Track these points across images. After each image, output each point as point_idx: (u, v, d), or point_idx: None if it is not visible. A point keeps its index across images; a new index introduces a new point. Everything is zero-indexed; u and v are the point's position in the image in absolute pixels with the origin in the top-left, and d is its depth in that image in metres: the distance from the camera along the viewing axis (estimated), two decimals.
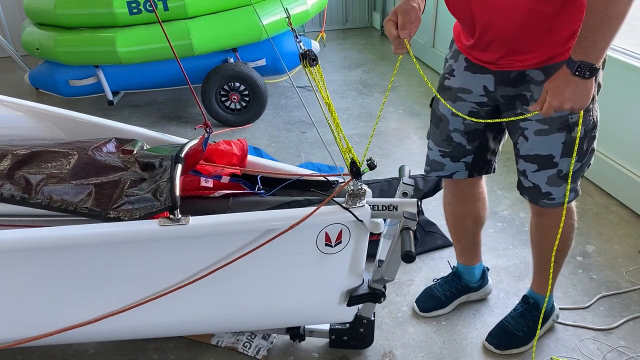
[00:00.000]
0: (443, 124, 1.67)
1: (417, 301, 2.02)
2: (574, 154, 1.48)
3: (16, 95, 2.06)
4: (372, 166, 1.41)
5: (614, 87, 1.49)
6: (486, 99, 1.59)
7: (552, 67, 1.41)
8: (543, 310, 1.77)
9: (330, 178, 1.67)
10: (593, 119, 1.47)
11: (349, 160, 1.42)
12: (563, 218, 1.57)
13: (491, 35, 1.45)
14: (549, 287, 1.72)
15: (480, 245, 1.99)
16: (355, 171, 1.42)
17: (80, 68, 3.45)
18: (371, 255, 1.62)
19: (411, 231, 1.41)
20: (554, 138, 1.48)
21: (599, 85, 1.47)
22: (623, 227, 2.44)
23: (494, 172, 1.77)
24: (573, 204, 1.67)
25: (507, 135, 1.70)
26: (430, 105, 1.74)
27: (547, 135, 1.48)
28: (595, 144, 1.53)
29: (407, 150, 3.23)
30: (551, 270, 1.64)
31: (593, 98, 1.44)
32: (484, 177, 1.85)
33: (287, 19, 1.52)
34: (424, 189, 2.52)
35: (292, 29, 1.52)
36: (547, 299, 1.79)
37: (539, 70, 1.45)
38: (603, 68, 1.45)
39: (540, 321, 1.77)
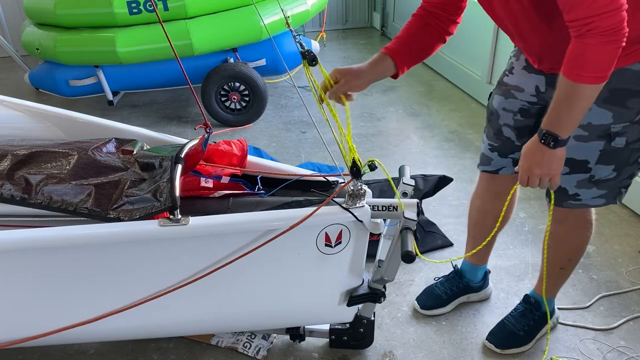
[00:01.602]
0: (494, 117, 1.70)
1: (418, 299, 2.02)
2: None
3: (16, 95, 2.06)
4: (372, 167, 1.42)
5: None
6: (536, 99, 1.59)
7: None
8: (552, 319, 1.78)
9: (330, 178, 1.67)
10: (639, 131, 1.43)
11: (350, 161, 1.42)
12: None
13: (549, 62, 1.49)
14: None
15: (492, 248, 1.98)
16: (355, 171, 1.42)
17: (80, 68, 3.45)
18: (371, 255, 1.62)
19: (411, 231, 1.41)
20: (592, 145, 1.45)
21: None
22: (623, 227, 2.44)
23: None
24: (593, 216, 1.65)
25: None
26: (488, 99, 1.76)
27: (586, 142, 1.45)
28: None
29: (407, 150, 3.23)
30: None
31: None
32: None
33: (286, 20, 1.53)
34: (424, 189, 2.52)
35: (290, 30, 1.53)
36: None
37: None
38: None
39: (549, 328, 1.77)
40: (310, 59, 1.42)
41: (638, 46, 1.32)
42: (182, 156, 1.55)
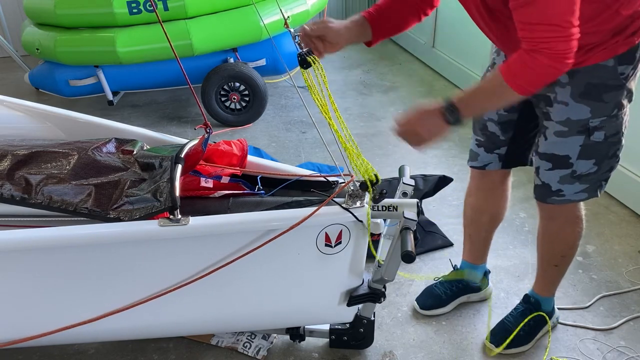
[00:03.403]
0: None
1: (418, 299, 2.02)
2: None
3: (16, 95, 2.06)
4: (381, 195, 1.43)
5: None
6: None
7: (577, 70, 1.40)
8: (552, 319, 1.78)
9: (330, 178, 1.67)
10: (617, 124, 1.46)
11: (366, 178, 1.42)
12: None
13: None
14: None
15: (490, 246, 1.99)
16: (376, 198, 1.43)
17: (80, 68, 3.45)
18: (371, 255, 1.62)
19: (411, 231, 1.41)
20: (573, 140, 1.48)
21: (630, 93, 1.45)
22: (623, 227, 2.44)
23: (530, 164, 1.75)
24: (582, 211, 1.66)
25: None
26: None
27: (566, 137, 1.48)
28: (619, 150, 1.51)
29: (407, 150, 3.22)
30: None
31: (621, 105, 1.44)
32: (512, 175, 1.86)
33: (285, 21, 1.53)
34: (424, 189, 2.52)
35: (289, 30, 1.52)
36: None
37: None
38: (634, 74, 1.42)
39: (544, 326, 1.77)
40: (303, 61, 1.41)
41: (610, 43, 1.35)
42: (182, 156, 1.55)
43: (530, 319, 1.83)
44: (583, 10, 1.28)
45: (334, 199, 1.46)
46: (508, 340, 1.80)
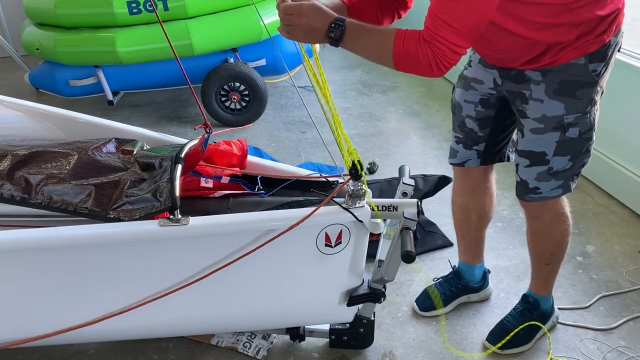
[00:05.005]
0: (457, 110, 1.74)
1: (417, 300, 2.02)
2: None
3: (16, 95, 2.06)
4: (372, 170, 1.41)
5: (613, 86, 1.51)
6: (495, 92, 1.64)
7: (550, 69, 1.44)
8: (551, 319, 1.80)
9: (330, 178, 1.67)
10: (590, 121, 1.49)
11: (350, 162, 1.42)
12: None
13: (498, 63, 1.55)
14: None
15: (484, 244, 1.99)
16: (354, 173, 1.41)
17: (80, 68, 3.45)
18: (371, 255, 1.62)
19: (411, 231, 1.41)
20: (548, 137, 1.50)
21: (602, 89, 1.49)
22: (623, 227, 2.44)
23: (508, 160, 1.79)
24: (567, 209, 1.68)
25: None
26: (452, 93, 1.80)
27: (542, 134, 1.51)
28: (591, 146, 1.54)
29: (407, 150, 3.23)
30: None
31: (594, 102, 1.47)
32: (494, 172, 1.87)
33: None
34: (424, 189, 2.52)
35: None
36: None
37: (537, 72, 1.46)
38: (605, 71, 1.45)
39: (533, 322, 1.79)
40: None
41: (580, 43, 1.38)
42: (182, 156, 1.55)
43: (530, 318, 1.83)
44: (544, 11, 1.32)
45: (334, 199, 1.47)
46: (505, 340, 1.80)
